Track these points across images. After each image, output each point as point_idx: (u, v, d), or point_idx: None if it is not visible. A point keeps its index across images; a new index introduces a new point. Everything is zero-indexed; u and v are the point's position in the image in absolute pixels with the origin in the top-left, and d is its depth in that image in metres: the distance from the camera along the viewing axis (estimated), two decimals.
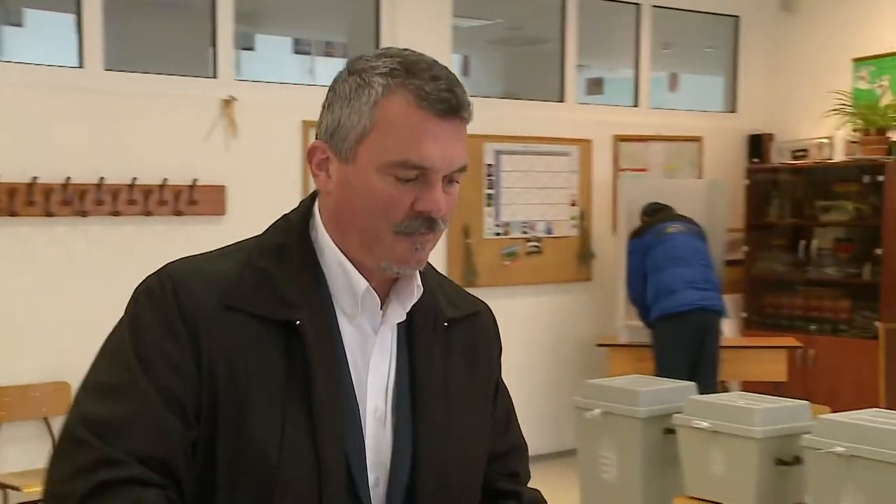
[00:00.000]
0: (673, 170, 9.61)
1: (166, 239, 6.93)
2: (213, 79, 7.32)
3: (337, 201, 1.80)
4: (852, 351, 9.02)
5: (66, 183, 6.57)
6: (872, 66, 9.64)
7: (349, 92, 1.76)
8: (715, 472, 5.71)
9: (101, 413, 1.65)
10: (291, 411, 1.72)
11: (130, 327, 1.73)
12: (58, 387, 6.58)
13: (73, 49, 6.81)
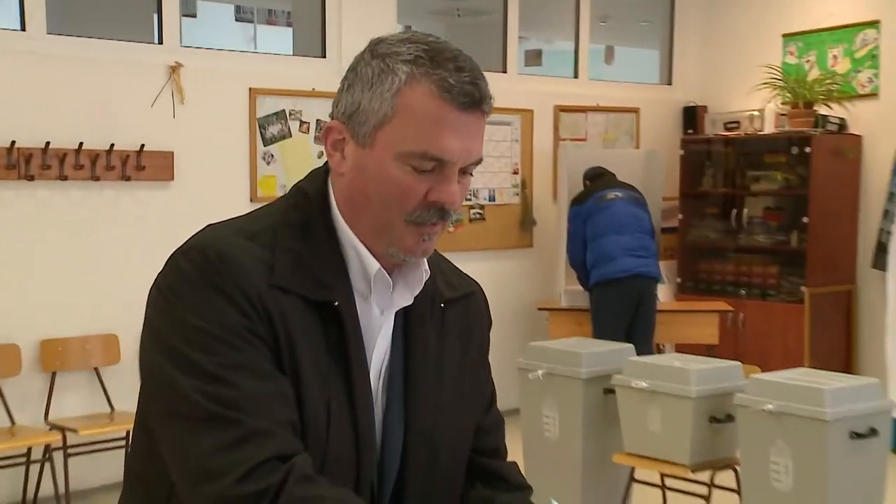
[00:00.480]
0: (611, 140, 9.67)
1: (115, 204, 6.89)
2: (158, 45, 7.20)
3: (350, 184, 1.78)
4: (780, 314, 9.14)
5: (11, 146, 6.42)
6: (800, 41, 9.74)
7: (372, 76, 1.72)
8: (652, 429, 5.77)
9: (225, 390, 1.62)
10: (333, 389, 1.73)
11: (198, 304, 1.67)
12: (107, 339, 6.79)
13: (15, 12, 6.67)
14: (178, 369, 1.64)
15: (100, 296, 6.71)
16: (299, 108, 7.65)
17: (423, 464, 1.84)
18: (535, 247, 9.22)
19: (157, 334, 1.71)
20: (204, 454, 1.60)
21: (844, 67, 9.40)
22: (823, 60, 9.53)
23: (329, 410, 1.71)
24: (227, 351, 1.64)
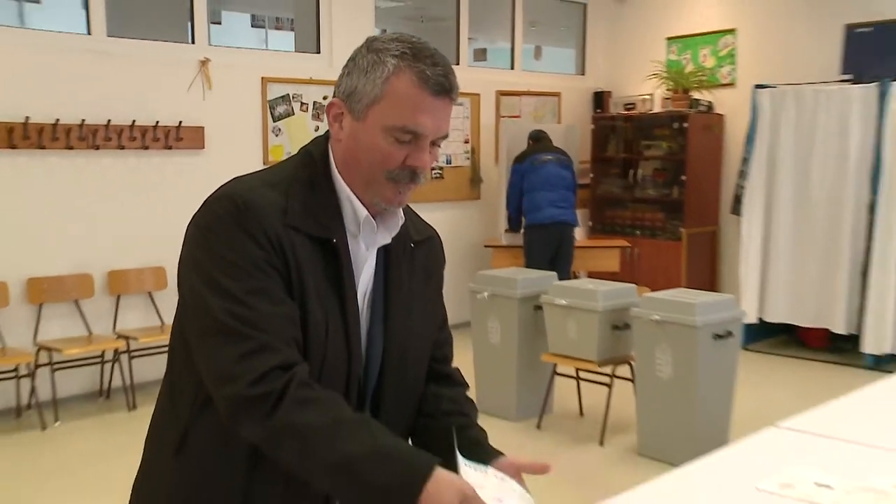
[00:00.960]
0: (539, 117, 9.66)
1: (159, 167, 6.91)
2: (191, 44, 7.18)
3: (346, 149, 1.79)
4: (664, 249, 9.21)
5: (82, 124, 6.44)
6: (680, 43, 9.79)
7: (367, 65, 1.75)
8: (570, 335, 5.88)
9: (244, 310, 1.64)
10: (330, 309, 1.75)
11: (227, 240, 1.69)
12: (157, 270, 6.83)
13: (82, 20, 6.64)
14: (211, 292, 1.66)
15: (151, 237, 6.75)
16: (300, 92, 7.67)
17: (397, 368, 1.88)
18: (482, 199, 9.23)
19: (196, 263, 1.71)
20: (225, 362, 1.63)
21: (711, 64, 9.50)
22: (696, 58, 9.60)
23: (327, 326, 1.74)
24: (248, 278, 1.66)
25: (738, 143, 9.00)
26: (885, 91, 7.59)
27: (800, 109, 8.06)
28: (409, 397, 1.94)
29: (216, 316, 1.65)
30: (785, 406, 3.59)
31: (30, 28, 6.87)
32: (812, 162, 8.00)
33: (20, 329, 6.31)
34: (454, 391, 2.03)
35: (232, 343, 1.63)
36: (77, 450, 5.70)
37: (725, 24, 9.37)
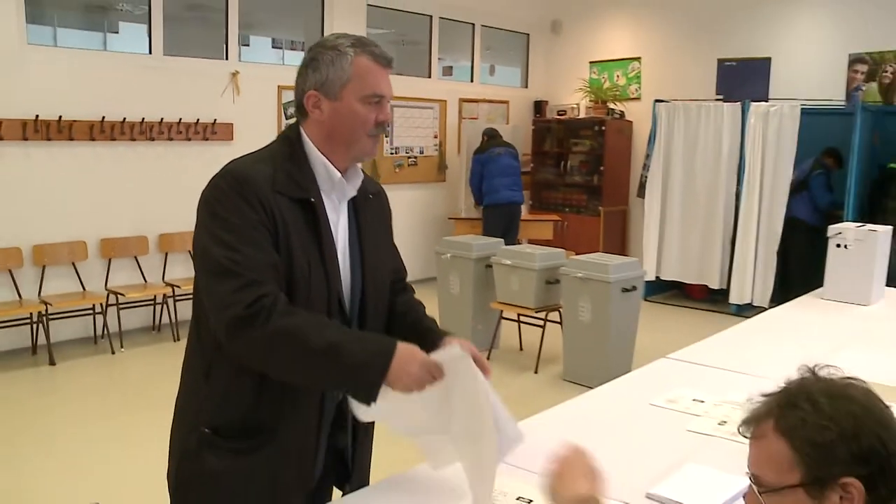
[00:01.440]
0: (492, 119, 9.61)
1: (199, 154, 6.86)
2: (225, 60, 7.14)
3: (329, 126, 1.81)
4: (587, 223, 9.22)
5: (141, 121, 6.45)
6: (600, 66, 9.77)
7: (330, 60, 1.78)
8: (513, 288, 5.88)
9: (238, 255, 1.66)
10: (312, 255, 1.77)
11: (229, 206, 1.70)
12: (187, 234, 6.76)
13: (145, 42, 6.62)
14: (214, 244, 1.68)
15: (191, 207, 6.74)
16: None
17: (373, 293, 1.90)
18: (447, 181, 9.21)
19: (205, 226, 1.72)
20: (225, 293, 1.64)
21: (623, 82, 9.52)
22: (612, 77, 9.62)
23: (309, 269, 1.74)
24: (243, 233, 1.67)
25: (642, 143, 9.10)
26: (746, 109, 7.73)
27: (687, 119, 8.14)
28: (383, 311, 1.97)
29: (218, 260, 1.66)
30: (673, 343, 3.67)
31: (109, 51, 6.82)
32: (696, 159, 8.09)
33: (95, 277, 6.34)
34: (408, 297, 2.08)
35: (230, 279, 1.64)
36: (137, 370, 5.78)
37: (633, 53, 9.42)
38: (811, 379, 1.27)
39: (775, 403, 1.25)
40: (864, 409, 1.19)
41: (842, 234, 4.25)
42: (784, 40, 8.24)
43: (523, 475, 2.00)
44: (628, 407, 2.55)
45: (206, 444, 1.79)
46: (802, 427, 1.19)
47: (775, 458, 1.21)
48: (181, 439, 1.84)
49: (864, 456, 1.15)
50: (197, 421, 1.80)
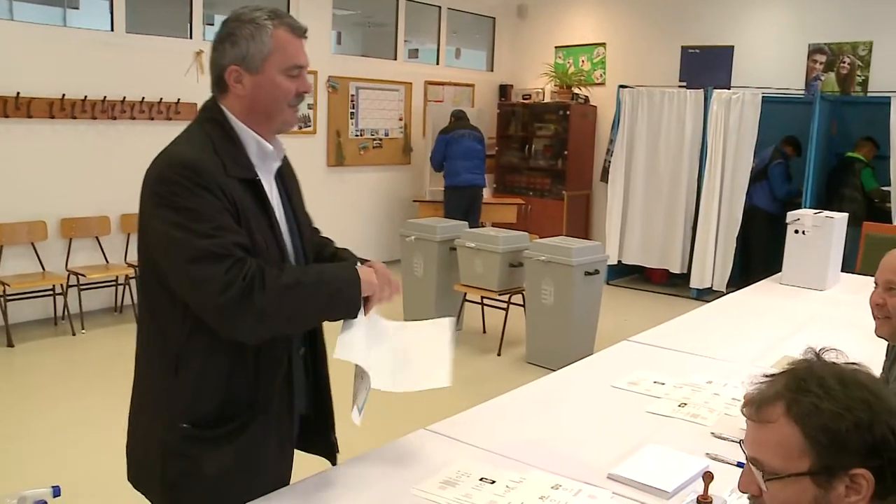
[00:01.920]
0: (458, 102, 9.56)
1: (162, 134, 6.43)
2: (190, 39, 7.02)
3: (251, 99, 1.79)
4: (550, 206, 9.22)
5: (103, 100, 6.33)
6: (565, 51, 9.75)
7: (250, 34, 1.76)
8: (477, 271, 5.88)
9: (217, 240, 1.66)
10: (266, 233, 1.79)
11: (191, 196, 1.68)
12: None
13: (107, 19, 6.47)
14: (189, 235, 1.65)
15: None
16: None
17: (309, 249, 1.97)
18: (412, 164, 9.16)
19: (167, 219, 1.67)
20: (216, 277, 1.63)
21: (587, 67, 9.51)
22: (577, 63, 9.61)
23: (266, 247, 1.76)
24: (212, 220, 1.67)
25: (606, 128, 9.15)
26: (709, 96, 7.81)
27: (651, 105, 8.20)
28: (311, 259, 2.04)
29: (200, 248, 1.65)
30: (635, 326, 3.72)
31: (69, 27, 6.65)
32: (659, 144, 8.16)
33: (55, 258, 6.22)
34: (320, 237, 2.15)
35: (218, 263, 1.64)
36: (99, 352, 5.71)
37: (598, 39, 9.43)
38: (818, 362, 1.21)
39: (784, 387, 1.18)
40: (877, 397, 1.14)
41: (800, 220, 4.32)
42: (746, 29, 8.32)
43: (487, 456, 2.01)
44: (590, 389, 2.58)
45: (189, 439, 1.76)
46: (817, 414, 1.13)
47: (784, 444, 1.15)
48: (158, 439, 1.79)
49: (876, 447, 1.11)
50: (172, 418, 1.77)
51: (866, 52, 7.59)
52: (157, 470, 1.80)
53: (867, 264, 5.01)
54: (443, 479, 1.88)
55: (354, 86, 8.41)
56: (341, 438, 2.08)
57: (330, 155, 8.24)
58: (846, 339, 3.25)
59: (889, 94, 7.17)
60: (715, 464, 2.00)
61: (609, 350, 3.05)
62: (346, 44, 9.51)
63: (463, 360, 5.73)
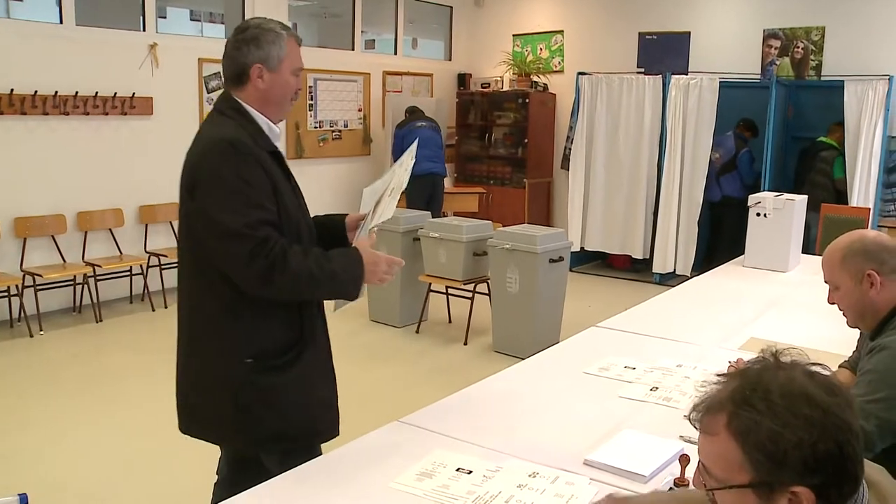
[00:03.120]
0: (416, 92, 9.53)
1: (117, 129, 6.64)
2: (143, 32, 6.87)
3: (267, 92, 2.14)
4: (512, 194, 9.23)
5: (54, 94, 6.16)
6: (523, 39, 9.74)
7: (272, 39, 2.13)
8: (441, 260, 5.87)
9: (247, 219, 1.97)
10: (292, 198, 2.15)
11: (236, 172, 1.99)
12: (116, 212, 6.47)
13: (55, 11, 6.31)
14: (224, 211, 1.97)
15: (111, 185, 6.56)
16: None
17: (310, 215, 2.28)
18: (372, 154, 9.08)
19: (213, 195, 2.00)
20: (243, 254, 1.95)
21: (546, 55, 9.51)
22: (535, 50, 9.59)
23: (291, 206, 2.11)
24: (249, 197, 1.99)
25: (565, 115, 9.16)
26: (667, 82, 7.88)
27: (610, 92, 8.25)
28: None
29: (230, 227, 1.96)
30: (600, 312, 3.75)
31: (14, 18, 6.49)
32: (619, 131, 8.21)
33: (9, 258, 6.07)
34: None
35: (245, 242, 1.95)
36: (58, 354, 5.60)
37: (556, 26, 9.44)
38: (772, 368, 1.18)
39: (729, 397, 1.17)
40: (824, 412, 1.11)
41: (761, 203, 4.37)
42: (702, 15, 8.40)
43: (462, 446, 2.01)
44: (562, 376, 2.59)
45: (253, 370, 2.08)
46: (756, 431, 1.12)
47: (725, 456, 1.16)
48: (226, 376, 2.08)
49: (818, 465, 1.09)
50: (236, 355, 2.08)
51: (819, 36, 7.71)
52: (228, 402, 2.09)
53: (827, 245, 5.07)
54: (420, 470, 1.87)
55: (312, 77, 8.34)
56: None
57: (289, 148, 8.16)
58: (808, 320, 3.31)
59: (842, 77, 7.30)
60: (690, 446, 2.01)
61: (578, 336, 3.06)
62: (303, 35, 9.29)
63: (430, 350, 5.73)
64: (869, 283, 2.11)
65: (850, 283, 2.14)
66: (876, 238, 2.17)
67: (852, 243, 2.16)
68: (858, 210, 6.51)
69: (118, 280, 6.70)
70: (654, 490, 1.79)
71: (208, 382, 2.13)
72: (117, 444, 4.08)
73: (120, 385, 4.92)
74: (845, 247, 2.17)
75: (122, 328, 6.16)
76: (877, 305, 2.12)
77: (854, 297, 2.14)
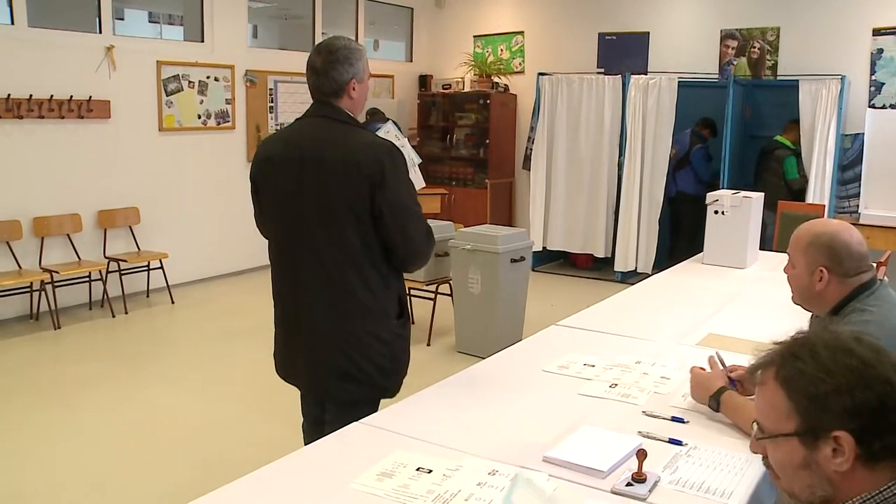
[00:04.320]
0: (378, 93, 9.49)
1: (73, 133, 6.54)
2: (99, 34, 6.78)
3: (358, 100, 2.54)
4: (474, 195, 9.25)
5: (7, 97, 6.05)
6: (484, 40, 9.77)
7: (358, 57, 2.51)
8: None
9: (419, 208, 2.55)
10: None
11: (404, 167, 2.48)
12: (74, 217, 6.18)
13: (6, 11, 6.21)
14: (411, 201, 2.49)
15: (68, 190, 6.47)
16: (188, 73, 7.36)
17: None
18: None
19: (404, 187, 2.47)
20: (424, 232, 2.53)
21: (507, 56, 9.54)
22: (496, 51, 9.63)
23: None
24: (414, 188, 2.57)
25: (527, 116, 9.22)
26: (627, 81, 7.96)
27: (570, 92, 8.31)
28: None
29: (416, 212, 2.50)
30: (562, 311, 3.76)
31: None
32: (579, 131, 8.27)
33: None
34: None
35: (423, 223, 2.53)
36: (13, 363, 5.50)
37: (517, 27, 9.49)
38: (819, 333, 1.28)
39: (779, 353, 1.27)
40: (864, 363, 1.19)
41: (719, 200, 4.43)
42: (661, 15, 8.49)
43: (422, 446, 2.01)
44: (521, 374, 2.60)
45: (397, 327, 2.58)
46: (800, 378, 1.21)
47: (774, 406, 1.25)
48: (377, 331, 2.52)
49: (856, 410, 1.16)
50: (387, 316, 2.55)
51: (774, 37, 7.84)
52: (383, 354, 2.54)
53: (783, 242, 5.15)
54: (380, 471, 1.87)
55: (273, 79, 8.29)
56: (273, 439, 2.05)
57: (250, 150, 8.10)
58: (766, 314, 3.36)
59: (797, 77, 7.42)
60: (648, 441, 2.03)
61: (538, 335, 3.07)
62: (263, 37, 9.36)
63: None
64: (818, 278, 2.16)
65: (803, 269, 2.20)
66: (848, 238, 2.18)
67: (821, 234, 2.19)
68: (814, 207, 6.62)
69: (77, 286, 6.60)
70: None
71: (369, 340, 2.51)
72: (77, 455, 4.02)
73: (81, 394, 4.85)
74: (815, 235, 2.20)
75: (82, 335, 6.07)
76: (823, 297, 2.18)
77: (802, 283, 2.21)
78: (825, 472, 1.20)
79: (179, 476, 3.74)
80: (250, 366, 5.36)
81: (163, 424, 4.37)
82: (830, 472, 1.20)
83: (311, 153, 2.42)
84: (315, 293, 2.48)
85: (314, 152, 2.41)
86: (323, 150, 2.40)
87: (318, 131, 2.46)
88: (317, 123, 2.48)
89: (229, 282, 7.80)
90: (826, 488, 1.21)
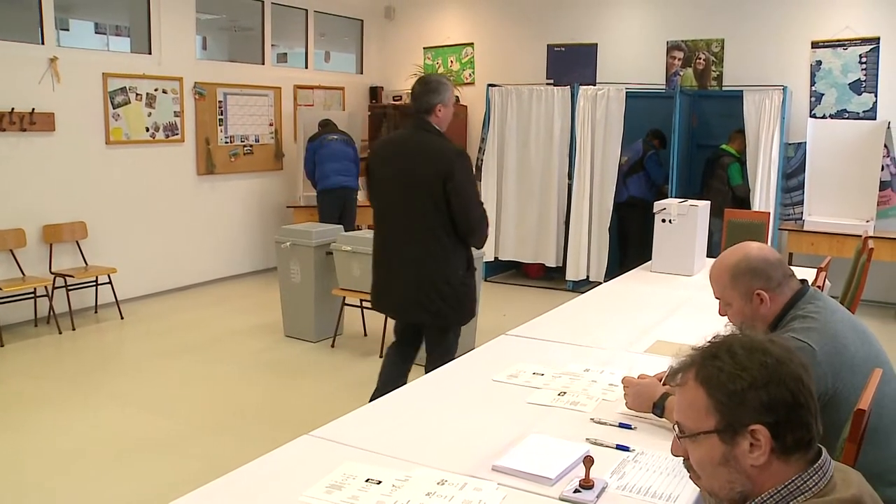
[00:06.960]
0: (328, 105, 9.49)
1: (16, 146, 6.40)
2: (42, 45, 6.65)
3: (444, 120, 3.55)
4: None
5: None
6: (434, 51, 9.80)
7: (446, 87, 3.53)
8: (354, 274, 5.83)
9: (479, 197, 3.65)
10: None
11: (470, 167, 3.54)
12: (17, 231, 5.96)
13: None
14: (474, 191, 3.55)
15: (10, 206, 6.34)
16: (135, 85, 7.26)
17: None
18: (284, 169, 9.00)
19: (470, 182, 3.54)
20: (482, 216, 3.59)
21: (457, 67, 9.59)
22: (446, 63, 9.67)
23: None
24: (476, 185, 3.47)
25: (477, 127, 9.23)
26: (576, 93, 8.05)
27: (520, 103, 8.37)
28: None
29: (477, 199, 3.56)
30: (514, 320, 3.79)
31: None
32: (529, 141, 8.34)
33: None
34: None
35: (481, 208, 3.56)
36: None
37: (466, 39, 9.54)
38: (737, 335, 1.35)
39: (699, 354, 1.33)
40: (778, 361, 1.27)
41: (666, 209, 4.50)
42: (609, 28, 8.62)
43: (372, 457, 2.01)
44: (471, 384, 2.61)
45: (463, 276, 3.67)
46: (719, 375, 1.27)
47: (694, 405, 1.30)
48: (447, 277, 3.59)
49: (772, 404, 1.24)
50: (455, 269, 3.61)
51: (719, 48, 8.00)
52: (453, 295, 3.61)
53: None
54: (329, 483, 1.86)
55: (222, 92, 8.22)
56: (223, 454, 2.03)
57: (199, 163, 8.02)
58: (712, 321, 3.42)
59: (741, 87, 7.58)
60: (596, 448, 2.06)
61: (488, 345, 3.09)
62: (212, 49, 9.30)
63: (345, 364, 5.70)
64: (759, 301, 2.20)
65: (740, 302, 2.22)
66: (759, 254, 2.23)
67: (738, 263, 2.23)
68: (759, 214, 6.75)
69: (21, 302, 6.45)
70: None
71: (441, 285, 3.57)
72: (19, 477, 3.93)
73: (24, 414, 4.74)
74: (732, 266, 2.23)
75: (26, 353, 5.93)
76: (766, 316, 2.21)
77: (746, 314, 2.22)
78: (743, 467, 1.27)
79: (129, 494, 3.68)
80: (200, 381, 5.30)
81: (110, 442, 4.29)
82: (748, 466, 1.27)
83: (408, 151, 3.53)
84: (403, 249, 3.59)
85: (410, 151, 3.52)
86: (416, 151, 3.50)
87: (413, 137, 3.55)
88: (413, 132, 3.56)
89: (180, 296, 7.70)
90: (744, 483, 1.28)
